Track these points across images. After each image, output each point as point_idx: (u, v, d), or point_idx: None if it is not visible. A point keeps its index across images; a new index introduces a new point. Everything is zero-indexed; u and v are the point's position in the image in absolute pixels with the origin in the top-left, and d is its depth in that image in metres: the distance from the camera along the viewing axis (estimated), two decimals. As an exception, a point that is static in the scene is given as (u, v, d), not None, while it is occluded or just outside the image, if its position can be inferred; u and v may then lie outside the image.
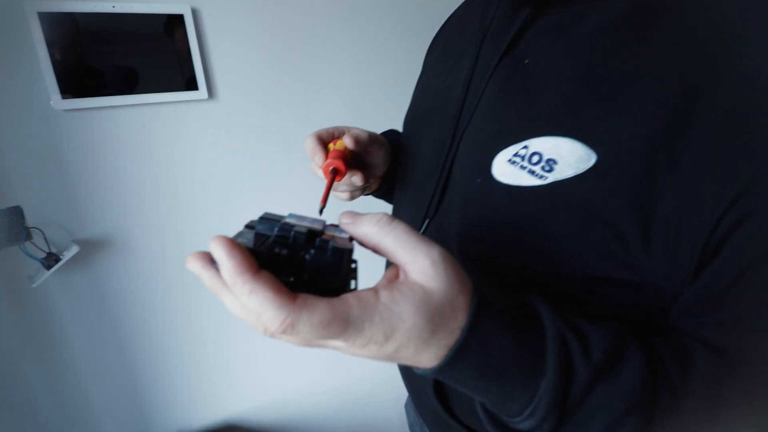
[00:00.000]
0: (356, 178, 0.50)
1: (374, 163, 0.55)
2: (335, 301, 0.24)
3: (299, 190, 1.20)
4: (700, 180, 0.28)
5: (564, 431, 0.28)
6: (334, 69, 1.16)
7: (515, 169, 0.36)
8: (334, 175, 0.43)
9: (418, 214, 0.48)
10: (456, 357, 0.26)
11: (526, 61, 0.39)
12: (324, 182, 0.44)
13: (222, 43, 1.04)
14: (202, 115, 1.06)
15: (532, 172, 0.34)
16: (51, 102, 0.89)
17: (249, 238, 0.26)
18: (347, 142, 0.47)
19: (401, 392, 1.51)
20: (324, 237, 0.26)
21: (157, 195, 1.06)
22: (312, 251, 0.25)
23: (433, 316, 0.25)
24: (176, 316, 1.16)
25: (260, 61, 1.08)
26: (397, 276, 0.27)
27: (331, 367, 1.41)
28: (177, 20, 0.97)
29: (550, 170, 0.33)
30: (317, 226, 0.27)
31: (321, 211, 0.38)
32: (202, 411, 1.27)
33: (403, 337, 0.25)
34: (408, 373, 0.55)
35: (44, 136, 0.93)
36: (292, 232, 0.25)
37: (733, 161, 0.27)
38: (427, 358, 0.27)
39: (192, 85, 1.02)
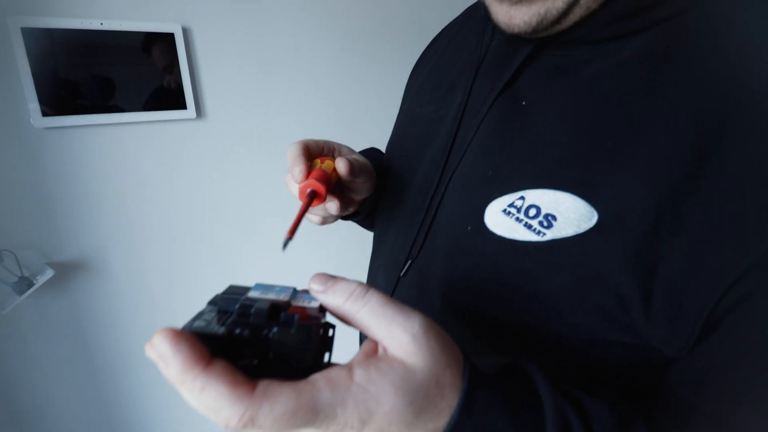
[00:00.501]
0: (331, 206, 0.44)
1: (357, 191, 0.48)
2: (302, 385, 0.21)
3: (288, 210, 1.17)
4: (705, 247, 0.26)
5: None
6: (324, 85, 1.16)
7: (510, 220, 0.33)
8: (311, 199, 0.37)
9: (401, 255, 0.45)
10: None
11: (523, 102, 0.37)
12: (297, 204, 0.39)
13: (211, 61, 1.02)
14: (190, 134, 1.03)
15: (528, 226, 0.32)
16: (31, 120, 0.86)
17: (211, 318, 0.23)
18: (341, 167, 0.41)
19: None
20: (290, 310, 0.23)
21: (140, 215, 1.02)
22: (275, 329, 0.22)
23: (416, 396, 0.22)
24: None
25: (249, 79, 1.07)
26: (375, 351, 0.24)
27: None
28: (155, 37, 0.95)
29: (549, 226, 0.31)
30: (283, 298, 0.24)
31: (285, 245, 0.32)
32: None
33: (382, 421, 0.22)
34: None
35: (22, 155, 0.89)
36: (253, 309, 0.22)
37: (742, 233, 0.25)
38: None
39: (180, 104, 1.00)
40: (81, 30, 0.88)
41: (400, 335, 0.23)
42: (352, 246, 1.29)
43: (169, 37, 0.96)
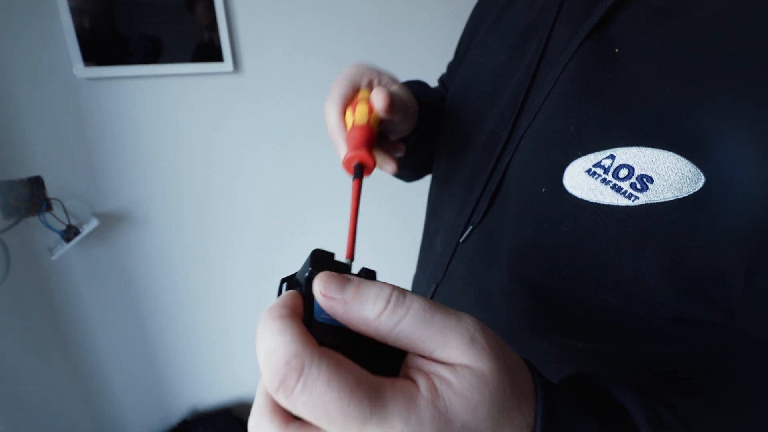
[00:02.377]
0: (388, 167, 0.41)
1: (392, 131, 0.44)
2: (368, 374, 0.18)
3: (324, 166, 1.15)
4: None
5: None
6: (361, 45, 1.10)
7: (595, 182, 0.29)
8: (360, 177, 0.32)
9: (460, 219, 0.42)
10: None
11: (616, 50, 0.31)
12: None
13: (248, 15, 0.99)
14: (227, 87, 1.01)
15: (617, 189, 0.28)
16: (73, 70, 0.86)
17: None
18: (378, 104, 0.36)
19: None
20: None
21: (179, 168, 1.03)
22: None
23: (492, 406, 0.18)
24: (194, 291, 1.14)
25: (286, 34, 1.03)
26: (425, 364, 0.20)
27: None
28: None
29: (643, 189, 0.27)
30: None
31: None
32: (216, 388, 1.27)
33: None
34: None
35: (66, 105, 0.90)
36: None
37: None
38: None
39: (217, 57, 0.98)
40: (120, -23, 0.86)
41: (457, 339, 0.19)
42: (396, 224, 1.27)
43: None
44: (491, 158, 0.39)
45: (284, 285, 0.22)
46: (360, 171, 0.33)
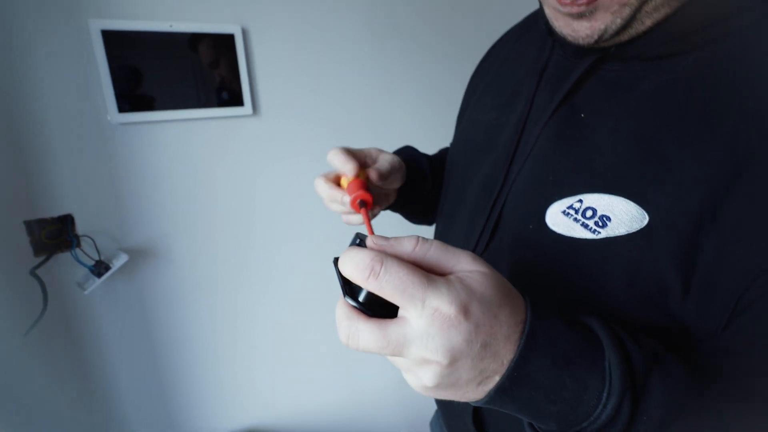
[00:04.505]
0: (375, 210, 0.53)
1: (385, 189, 0.55)
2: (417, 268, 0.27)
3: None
4: (736, 245, 0.29)
5: (637, 420, 0.28)
6: (373, 83, 1.21)
7: (569, 220, 0.37)
8: (365, 206, 0.44)
9: (466, 249, 0.50)
10: (530, 339, 0.27)
11: (582, 114, 0.40)
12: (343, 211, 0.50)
13: (267, 61, 1.08)
14: (246, 130, 1.09)
15: (585, 226, 0.36)
16: (108, 116, 0.93)
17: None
18: (372, 176, 0.49)
19: (424, 405, 1.53)
20: None
21: (199, 206, 1.09)
22: None
23: (498, 288, 0.27)
24: (205, 325, 1.18)
25: (302, 79, 1.13)
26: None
27: (353, 377, 1.43)
28: (202, 36, 1.00)
29: (604, 226, 0.35)
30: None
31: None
32: (226, 418, 1.28)
33: (477, 309, 0.26)
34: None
35: (97, 148, 0.96)
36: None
37: (766, 233, 0.29)
38: (503, 339, 0.26)
39: (238, 102, 1.06)
40: (152, 32, 0.94)
41: (466, 258, 0.28)
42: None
43: (223, 36, 1.01)
44: (490, 199, 0.46)
45: (337, 262, 0.31)
46: (364, 204, 0.44)
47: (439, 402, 0.58)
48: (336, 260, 0.30)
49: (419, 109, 1.29)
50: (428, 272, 0.27)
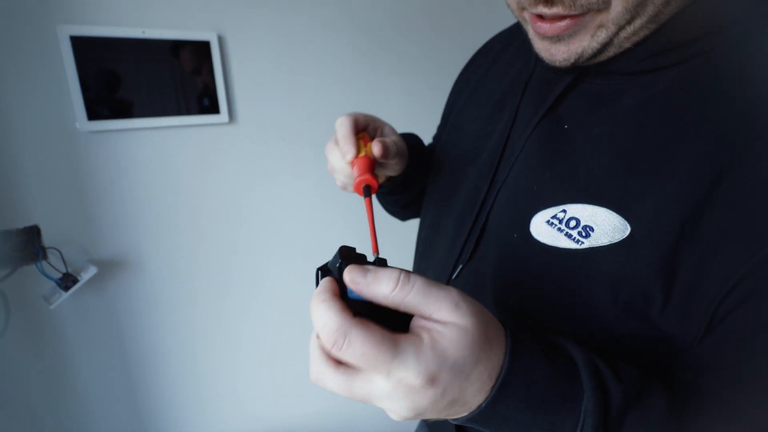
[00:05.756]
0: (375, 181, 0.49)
1: (386, 169, 0.52)
2: (388, 332, 0.26)
3: (316, 209, 1.22)
4: (714, 255, 0.30)
5: None
6: (350, 92, 1.20)
7: (553, 230, 0.37)
8: (369, 195, 0.41)
9: (450, 258, 0.49)
10: (502, 388, 0.27)
11: (566, 126, 0.40)
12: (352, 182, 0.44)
13: (242, 68, 1.07)
14: (222, 138, 1.08)
15: (569, 236, 0.36)
16: (76, 124, 0.90)
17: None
18: (375, 150, 0.45)
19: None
20: None
21: (174, 216, 1.06)
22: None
23: (473, 349, 0.27)
24: (180, 337, 1.15)
25: (279, 87, 1.12)
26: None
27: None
28: (183, 43, 0.98)
29: (587, 236, 0.35)
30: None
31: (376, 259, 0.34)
32: (205, 430, 1.25)
33: (446, 377, 0.26)
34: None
35: (65, 157, 0.93)
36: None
37: (744, 242, 0.29)
38: (472, 394, 0.27)
39: (213, 109, 1.04)
40: (123, 38, 0.92)
41: (447, 305, 0.27)
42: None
43: (199, 43, 1.00)
44: (474, 208, 0.47)
45: (320, 273, 0.30)
46: (368, 191, 0.42)
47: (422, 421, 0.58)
48: (319, 271, 0.30)
49: (398, 116, 1.29)
50: (407, 312, 0.28)
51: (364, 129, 0.50)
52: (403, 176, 0.57)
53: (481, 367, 0.27)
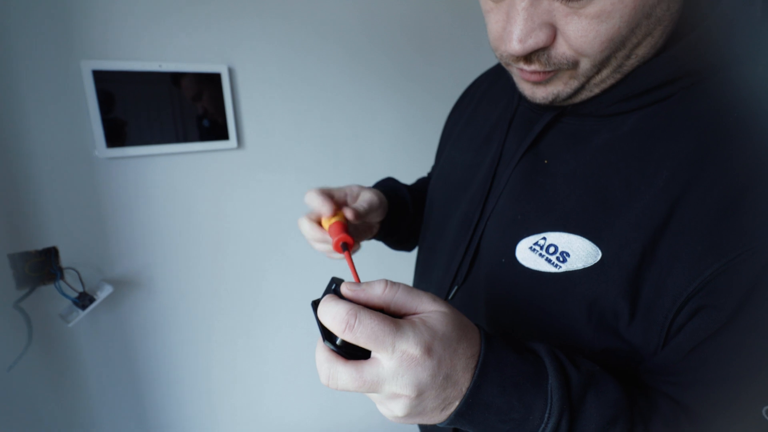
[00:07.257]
0: (354, 247, 0.55)
1: (369, 226, 0.60)
2: (386, 316, 0.31)
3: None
4: (668, 274, 0.34)
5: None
6: (354, 125, 1.28)
7: (535, 255, 0.42)
8: (346, 249, 0.47)
9: (446, 279, 0.53)
10: (483, 368, 0.31)
11: (545, 161, 0.45)
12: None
13: (251, 98, 1.14)
14: (231, 162, 1.14)
15: (548, 261, 0.40)
16: (96, 151, 0.96)
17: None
18: (348, 215, 0.52)
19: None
20: None
21: (186, 237, 1.12)
22: None
23: (456, 326, 0.32)
24: (190, 356, 1.19)
25: (285, 115, 1.19)
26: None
27: (339, 402, 1.44)
28: (183, 73, 1.05)
29: (564, 261, 0.39)
30: None
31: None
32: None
33: (439, 347, 0.30)
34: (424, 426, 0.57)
35: (84, 181, 0.98)
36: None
37: (691, 263, 0.33)
38: (461, 370, 0.31)
39: (223, 136, 1.11)
40: (141, 72, 0.99)
41: (428, 299, 0.33)
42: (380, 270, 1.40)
43: (210, 75, 1.06)
44: (467, 234, 0.51)
45: (314, 305, 0.35)
46: (346, 247, 0.48)
47: (420, 428, 0.61)
48: (314, 303, 0.34)
49: (396, 145, 1.37)
50: (396, 313, 0.32)
51: (331, 197, 0.56)
52: (389, 219, 0.64)
53: (465, 344, 0.31)
